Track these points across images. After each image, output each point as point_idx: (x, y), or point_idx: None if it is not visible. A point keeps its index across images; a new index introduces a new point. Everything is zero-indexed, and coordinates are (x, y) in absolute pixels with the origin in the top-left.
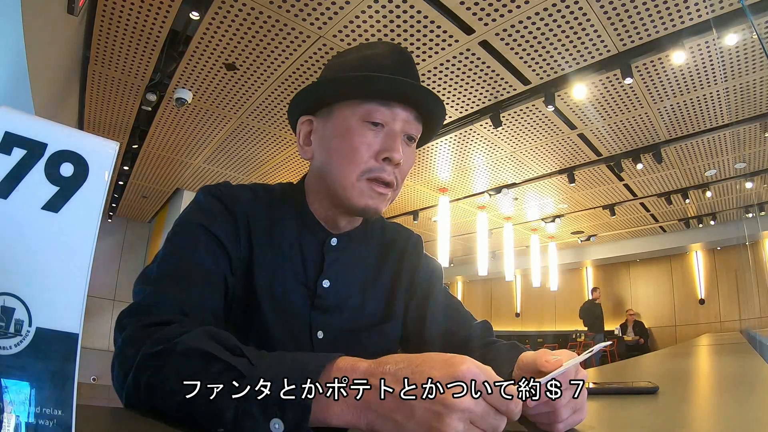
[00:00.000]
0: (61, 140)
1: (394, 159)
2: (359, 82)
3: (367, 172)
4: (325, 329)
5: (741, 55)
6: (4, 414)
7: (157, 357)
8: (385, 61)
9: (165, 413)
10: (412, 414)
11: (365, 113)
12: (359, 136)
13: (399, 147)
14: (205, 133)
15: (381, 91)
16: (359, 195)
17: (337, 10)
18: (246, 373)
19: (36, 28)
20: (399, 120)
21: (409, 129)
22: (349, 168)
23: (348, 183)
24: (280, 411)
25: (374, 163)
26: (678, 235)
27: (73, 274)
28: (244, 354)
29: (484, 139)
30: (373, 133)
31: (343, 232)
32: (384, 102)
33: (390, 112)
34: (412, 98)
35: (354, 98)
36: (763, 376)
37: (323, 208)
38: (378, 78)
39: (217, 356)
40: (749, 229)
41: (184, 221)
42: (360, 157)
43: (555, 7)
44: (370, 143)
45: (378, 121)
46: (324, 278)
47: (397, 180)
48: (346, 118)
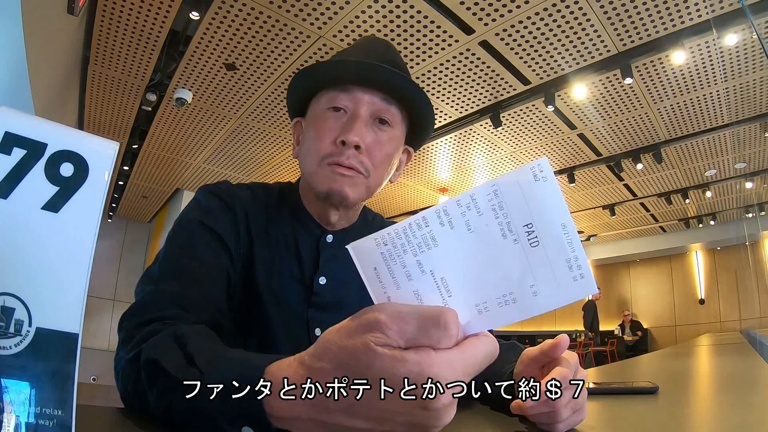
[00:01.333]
0: (61, 140)
1: (348, 140)
2: (312, 71)
3: (326, 157)
4: (323, 327)
5: (741, 55)
6: (4, 414)
7: (132, 363)
8: (354, 51)
9: (157, 418)
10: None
11: (327, 101)
12: (321, 123)
13: (356, 129)
14: (205, 133)
15: (339, 76)
16: (322, 180)
17: (337, 10)
18: (194, 385)
19: (36, 28)
20: (363, 103)
21: (379, 112)
22: (312, 156)
23: (312, 170)
24: (247, 420)
25: (332, 147)
26: (678, 235)
27: (73, 274)
28: (196, 363)
29: (484, 139)
30: (334, 118)
31: (339, 229)
32: (343, 88)
33: (350, 97)
34: (371, 78)
35: (320, 90)
36: (763, 376)
37: (312, 204)
38: (326, 63)
39: (170, 372)
40: (749, 229)
41: (184, 220)
42: (320, 143)
43: (555, 7)
44: (331, 129)
45: (339, 106)
46: (320, 275)
47: (364, 165)
48: (314, 111)
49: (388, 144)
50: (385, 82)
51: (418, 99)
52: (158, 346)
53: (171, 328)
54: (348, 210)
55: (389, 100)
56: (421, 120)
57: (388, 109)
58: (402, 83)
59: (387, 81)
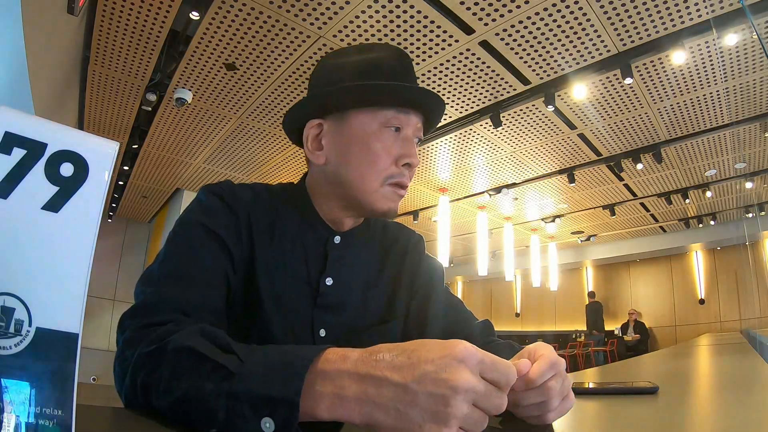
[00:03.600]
0: (61, 140)
1: (414, 164)
2: (386, 91)
3: (389, 177)
4: (327, 327)
5: (741, 55)
6: (4, 414)
7: (151, 356)
8: (394, 68)
9: (162, 413)
10: (415, 401)
11: (385, 120)
12: (380, 142)
13: (415, 152)
14: (205, 133)
15: (403, 98)
16: (383, 199)
17: (337, 10)
18: (235, 371)
19: (36, 28)
20: (412, 125)
21: (419, 132)
22: (372, 174)
23: (371, 188)
24: (269, 409)
25: (395, 168)
26: (678, 235)
27: (73, 274)
28: (234, 351)
29: (484, 139)
30: (392, 139)
31: (346, 230)
32: (402, 109)
33: (407, 118)
34: (425, 105)
35: (374, 105)
36: (763, 376)
37: (332, 209)
38: (403, 88)
39: (207, 355)
40: (749, 229)
41: (186, 221)
42: (382, 163)
43: (555, 7)
44: (390, 149)
45: (398, 127)
46: (327, 276)
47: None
48: (364, 124)
49: None
50: (431, 107)
51: (439, 120)
52: (190, 337)
53: (196, 326)
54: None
55: (424, 122)
56: (426, 132)
57: (422, 129)
58: (440, 109)
59: (433, 108)
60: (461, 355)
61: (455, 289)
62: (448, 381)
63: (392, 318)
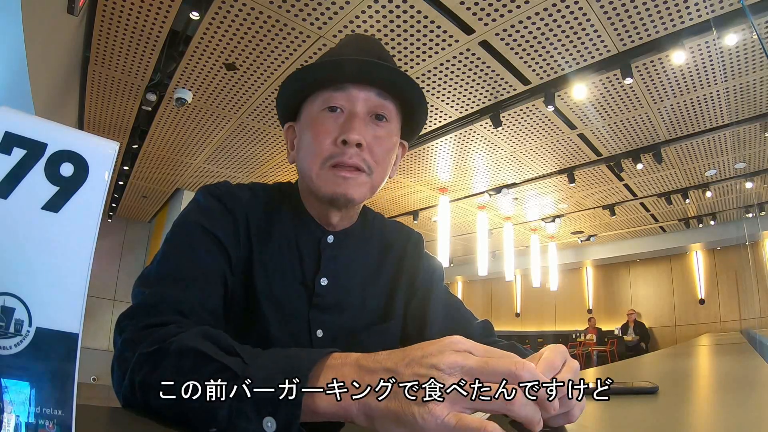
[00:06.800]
0: (61, 140)
1: (350, 139)
2: (311, 74)
3: (328, 158)
4: (325, 328)
5: (741, 55)
6: (4, 414)
7: (152, 356)
8: (342, 50)
9: (160, 412)
10: (403, 382)
11: (322, 102)
12: (319, 125)
13: (356, 127)
14: (205, 133)
15: (333, 76)
16: (325, 183)
17: (337, 10)
18: (240, 372)
19: (36, 28)
20: (359, 101)
21: (375, 108)
22: (313, 159)
23: (314, 174)
24: (272, 410)
25: (333, 148)
26: (678, 235)
27: (73, 274)
28: (238, 353)
29: (484, 139)
30: (332, 119)
31: (340, 229)
32: (338, 87)
33: (346, 95)
34: (366, 75)
35: (313, 92)
36: (763, 376)
37: (313, 206)
38: (318, 64)
39: (211, 356)
40: (749, 229)
41: (184, 221)
42: (320, 145)
43: (555, 7)
44: (329, 130)
45: (335, 106)
46: (321, 276)
47: (367, 163)
48: (309, 113)
49: (387, 139)
50: (380, 78)
51: (412, 92)
52: (193, 338)
53: (199, 328)
54: (350, 210)
55: (384, 95)
56: (415, 112)
57: (384, 104)
58: (396, 77)
59: (381, 76)
60: (450, 340)
61: (455, 289)
62: (431, 360)
63: (391, 318)
